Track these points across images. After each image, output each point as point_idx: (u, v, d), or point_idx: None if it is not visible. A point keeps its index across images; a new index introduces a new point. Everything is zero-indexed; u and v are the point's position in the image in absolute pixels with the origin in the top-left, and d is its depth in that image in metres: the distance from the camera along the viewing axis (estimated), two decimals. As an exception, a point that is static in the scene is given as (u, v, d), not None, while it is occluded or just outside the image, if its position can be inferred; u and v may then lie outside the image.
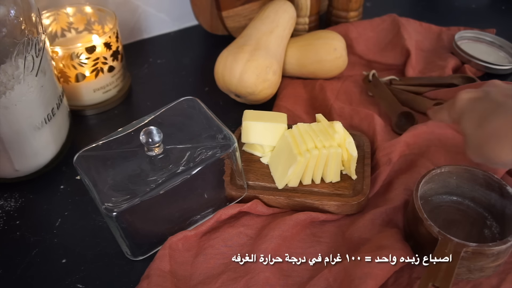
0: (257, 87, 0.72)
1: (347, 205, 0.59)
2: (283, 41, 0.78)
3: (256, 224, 0.60)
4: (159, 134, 0.54)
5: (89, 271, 0.56)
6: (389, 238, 0.55)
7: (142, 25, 0.93)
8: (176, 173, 0.54)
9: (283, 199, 0.60)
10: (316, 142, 0.60)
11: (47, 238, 0.59)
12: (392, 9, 0.96)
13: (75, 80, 0.73)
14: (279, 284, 0.53)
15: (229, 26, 0.87)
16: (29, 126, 0.61)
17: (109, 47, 0.74)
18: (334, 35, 0.80)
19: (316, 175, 0.61)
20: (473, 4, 1.05)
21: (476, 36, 0.90)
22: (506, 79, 0.82)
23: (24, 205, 0.64)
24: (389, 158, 0.64)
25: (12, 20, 0.54)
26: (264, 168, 0.65)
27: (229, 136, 0.57)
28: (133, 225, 0.54)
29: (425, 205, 0.56)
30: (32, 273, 0.56)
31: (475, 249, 0.49)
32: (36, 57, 0.58)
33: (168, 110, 0.61)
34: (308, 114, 0.76)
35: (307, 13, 0.87)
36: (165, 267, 0.54)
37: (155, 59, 0.90)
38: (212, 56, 0.78)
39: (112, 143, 0.57)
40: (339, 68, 0.80)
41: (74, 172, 0.60)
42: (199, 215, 0.59)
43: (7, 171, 0.63)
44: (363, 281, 0.49)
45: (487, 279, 0.53)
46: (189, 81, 0.85)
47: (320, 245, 0.58)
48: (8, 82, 0.56)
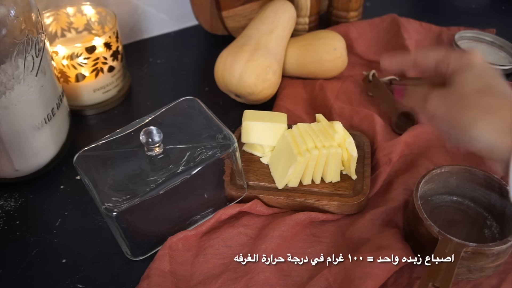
0: (257, 87, 0.72)
1: (347, 205, 0.59)
2: (283, 41, 0.78)
3: (256, 224, 0.60)
4: (159, 134, 0.54)
5: (89, 271, 0.56)
6: (389, 238, 0.55)
7: (142, 25, 0.93)
8: (176, 173, 0.54)
9: (283, 199, 0.60)
10: (316, 142, 0.60)
11: (47, 238, 0.59)
12: (392, 9, 0.96)
13: (75, 80, 0.73)
14: (279, 284, 0.53)
15: (229, 26, 0.87)
16: (29, 126, 0.61)
17: (109, 47, 0.74)
18: (334, 35, 0.80)
19: (316, 175, 0.61)
20: (473, 4, 1.05)
21: (476, 36, 0.90)
22: (506, 79, 0.82)
23: (24, 205, 0.64)
24: (389, 158, 0.64)
25: (12, 20, 0.54)
26: (264, 168, 0.65)
27: (229, 136, 0.57)
28: (133, 225, 0.54)
29: (425, 205, 0.56)
30: (32, 273, 0.56)
31: (475, 249, 0.49)
32: (36, 57, 0.58)
33: (168, 110, 0.61)
34: (308, 114, 0.76)
35: (307, 13, 0.87)
36: (165, 267, 0.54)
37: (155, 59, 0.90)
38: (212, 56, 0.78)
39: (112, 143, 0.57)
40: (339, 68, 0.80)
41: (74, 172, 0.60)
42: (199, 215, 0.59)
43: (7, 171, 0.63)
44: (363, 281, 0.49)
45: (487, 279, 0.53)
46: (189, 81, 0.85)
47: (320, 245, 0.58)
48: (8, 82, 0.56)
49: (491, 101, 0.40)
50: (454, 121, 0.42)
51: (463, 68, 0.43)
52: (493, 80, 0.42)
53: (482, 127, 0.40)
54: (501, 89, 0.42)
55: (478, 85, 0.42)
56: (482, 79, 0.42)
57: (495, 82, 0.42)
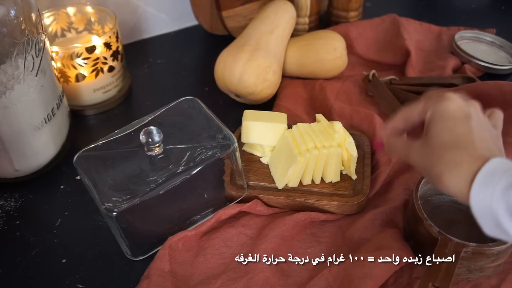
0: (257, 87, 0.72)
1: (347, 205, 0.59)
2: (283, 41, 0.78)
3: (256, 224, 0.60)
4: (159, 134, 0.54)
5: (89, 271, 0.56)
6: (389, 238, 0.55)
7: (142, 25, 0.93)
8: (176, 173, 0.54)
9: (283, 199, 0.60)
10: (316, 142, 0.60)
11: (47, 238, 0.59)
12: (392, 9, 0.96)
13: (75, 80, 0.73)
14: (279, 284, 0.53)
15: (229, 26, 0.87)
16: (29, 126, 0.61)
17: (109, 47, 0.74)
18: (334, 35, 0.80)
19: (316, 175, 0.61)
20: (473, 4, 1.05)
21: (476, 36, 0.90)
22: (506, 79, 0.82)
23: (24, 205, 0.64)
24: (389, 158, 0.64)
25: (12, 20, 0.54)
26: (264, 168, 0.65)
27: (229, 136, 0.57)
28: (133, 225, 0.54)
29: (425, 205, 0.56)
30: (32, 273, 0.56)
31: (475, 249, 0.49)
32: (36, 57, 0.58)
33: (168, 110, 0.61)
34: (308, 114, 0.76)
35: (307, 13, 0.87)
36: (165, 267, 0.54)
37: (155, 59, 0.90)
38: (212, 56, 0.78)
39: (112, 143, 0.57)
40: (339, 68, 0.80)
41: (74, 172, 0.60)
42: (199, 215, 0.59)
43: (7, 171, 0.64)
44: (363, 281, 0.49)
45: (487, 279, 0.53)
46: (189, 81, 0.85)
47: (320, 245, 0.58)
48: (8, 82, 0.56)
49: (455, 156, 0.43)
50: (429, 174, 0.45)
51: (437, 117, 0.46)
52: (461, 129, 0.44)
53: (446, 181, 0.43)
54: (467, 138, 0.44)
55: (446, 138, 0.44)
56: (449, 132, 0.44)
57: (462, 132, 0.44)
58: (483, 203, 0.41)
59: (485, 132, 0.45)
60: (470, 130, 0.44)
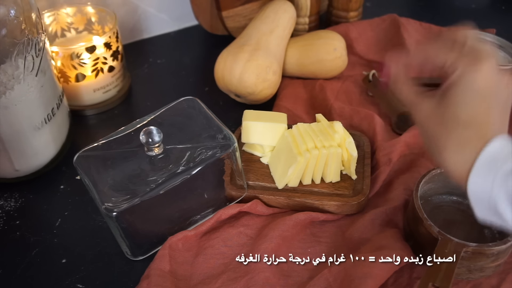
0: (257, 87, 0.72)
1: (347, 205, 0.59)
2: (283, 41, 0.78)
3: (256, 224, 0.60)
4: (159, 134, 0.54)
5: (89, 271, 0.56)
6: (389, 238, 0.55)
7: (142, 25, 0.93)
8: (176, 173, 0.54)
9: (283, 199, 0.60)
10: (316, 142, 0.60)
11: (47, 238, 0.59)
12: (392, 9, 0.96)
13: (75, 80, 0.73)
14: (279, 284, 0.53)
15: (229, 26, 0.87)
16: (29, 126, 0.61)
17: (109, 47, 0.74)
18: (334, 35, 0.80)
19: (316, 175, 0.61)
20: (473, 4, 1.05)
21: (476, 36, 0.90)
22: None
23: (24, 205, 0.63)
24: (389, 158, 0.64)
25: (12, 20, 0.54)
26: (264, 168, 0.65)
27: (229, 136, 0.57)
28: (133, 225, 0.54)
29: (425, 205, 0.56)
30: (32, 273, 0.56)
31: (475, 249, 0.49)
32: (36, 57, 0.58)
33: (168, 110, 0.61)
34: (308, 114, 0.76)
35: (307, 13, 0.87)
36: (165, 267, 0.54)
37: (155, 59, 0.90)
38: (212, 56, 0.78)
39: (112, 143, 0.57)
40: (339, 68, 0.80)
41: (74, 172, 0.60)
42: (199, 215, 0.59)
43: (7, 171, 0.63)
44: (363, 281, 0.49)
45: (487, 279, 0.53)
46: (189, 81, 0.85)
47: (320, 245, 0.58)
48: (8, 82, 0.56)
49: (464, 134, 0.41)
50: (432, 141, 0.43)
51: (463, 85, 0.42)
52: (481, 108, 0.41)
53: (447, 156, 0.42)
54: (483, 119, 0.41)
55: (462, 112, 0.42)
56: (468, 107, 0.41)
57: (481, 111, 0.41)
58: (481, 188, 0.40)
59: (505, 114, 0.42)
60: (489, 110, 0.41)
